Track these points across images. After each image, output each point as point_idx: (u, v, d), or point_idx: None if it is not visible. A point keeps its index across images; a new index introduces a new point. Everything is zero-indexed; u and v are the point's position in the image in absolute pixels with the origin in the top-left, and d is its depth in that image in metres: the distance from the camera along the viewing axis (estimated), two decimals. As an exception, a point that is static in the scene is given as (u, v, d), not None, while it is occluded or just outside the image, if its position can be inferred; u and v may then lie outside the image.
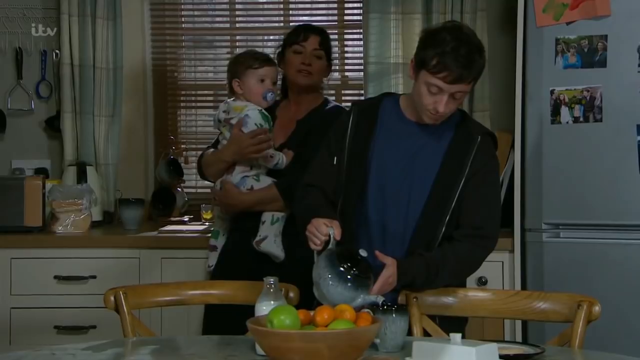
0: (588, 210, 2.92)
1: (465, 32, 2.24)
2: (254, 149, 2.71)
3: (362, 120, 2.33)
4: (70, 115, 3.60)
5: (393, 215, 2.27)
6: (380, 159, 2.29)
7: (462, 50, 2.17)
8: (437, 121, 2.27)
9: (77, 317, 3.18)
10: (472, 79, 2.20)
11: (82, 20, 3.57)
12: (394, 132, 2.31)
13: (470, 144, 2.27)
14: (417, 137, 2.29)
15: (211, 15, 3.91)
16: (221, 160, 2.80)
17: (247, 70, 2.77)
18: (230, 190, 2.78)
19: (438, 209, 2.24)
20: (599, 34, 2.87)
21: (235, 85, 2.79)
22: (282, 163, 2.78)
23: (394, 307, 1.98)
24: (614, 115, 2.88)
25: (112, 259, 3.21)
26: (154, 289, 2.38)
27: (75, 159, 3.59)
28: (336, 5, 3.76)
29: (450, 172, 2.25)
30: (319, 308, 1.86)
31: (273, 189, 2.75)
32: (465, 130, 2.30)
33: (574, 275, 2.92)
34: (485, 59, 2.24)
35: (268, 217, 2.76)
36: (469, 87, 2.21)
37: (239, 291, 2.36)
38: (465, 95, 2.26)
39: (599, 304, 2.11)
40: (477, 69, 2.19)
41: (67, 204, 3.33)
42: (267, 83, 2.79)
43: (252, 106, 2.77)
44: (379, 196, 2.28)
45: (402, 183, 2.27)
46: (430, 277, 2.19)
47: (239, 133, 2.73)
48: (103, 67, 3.60)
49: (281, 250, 2.73)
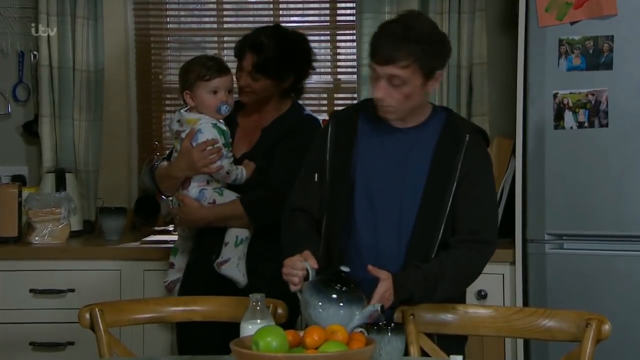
0: (593, 220, 2.88)
1: (413, 15, 2.17)
2: (204, 162, 2.60)
3: (341, 131, 2.26)
4: (48, 119, 3.56)
5: (385, 228, 2.20)
6: (365, 170, 2.22)
7: (394, 29, 2.10)
8: (387, 115, 2.18)
9: (54, 333, 3.12)
10: (409, 63, 2.09)
11: (61, 20, 3.53)
12: (376, 140, 2.23)
13: (459, 143, 2.19)
14: (402, 143, 2.21)
15: (198, 15, 3.89)
16: (172, 176, 2.69)
17: (198, 81, 2.64)
18: (189, 205, 2.66)
19: (432, 216, 2.17)
20: (604, 34, 2.84)
21: (187, 98, 2.66)
22: (242, 177, 2.67)
23: (389, 326, 1.92)
24: (620, 120, 2.84)
25: (91, 271, 3.16)
26: (133, 305, 2.31)
27: (54, 166, 3.55)
28: (328, 5, 3.74)
29: (440, 176, 2.18)
30: (309, 329, 1.81)
31: (237, 205, 2.64)
32: (452, 130, 2.22)
33: (578, 288, 2.88)
34: (433, 46, 2.12)
35: (232, 238, 2.66)
36: (406, 71, 2.10)
37: (225, 307, 2.30)
38: (408, 84, 2.12)
39: (608, 323, 2.05)
40: (411, 50, 2.08)
41: (44, 213, 3.29)
42: (221, 95, 2.64)
43: (206, 119, 2.64)
44: (368, 209, 2.21)
45: (391, 193, 2.20)
46: (429, 289, 2.12)
47: (188, 146, 2.63)
48: (83, 69, 3.55)
49: (243, 276, 2.64)
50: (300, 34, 2.77)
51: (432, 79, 2.16)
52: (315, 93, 3.71)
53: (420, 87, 2.14)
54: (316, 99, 3.75)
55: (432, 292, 2.12)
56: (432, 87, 2.18)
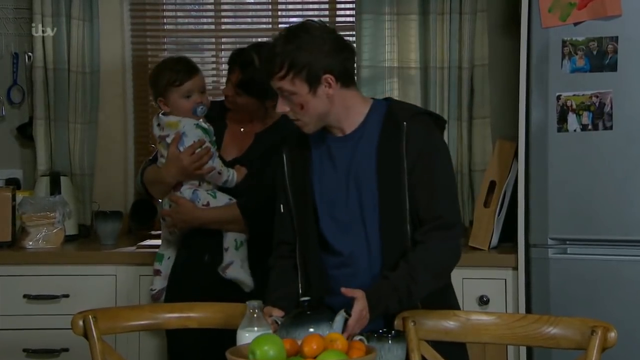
0: (597, 224, 2.87)
1: (297, 25, 2.14)
2: (196, 165, 2.60)
3: (295, 154, 2.24)
4: (43, 122, 3.54)
5: (353, 240, 2.17)
6: (323, 189, 2.20)
7: (275, 40, 2.11)
8: (303, 129, 2.16)
9: (48, 339, 3.11)
10: (283, 74, 2.07)
11: (56, 21, 3.52)
12: (326, 155, 2.21)
13: (399, 131, 2.14)
14: (347, 149, 2.18)
15: (195, 16, 3.87)
16: (163, 182, 2.69)
17: (169, 87, 2.63)
18: (184, 205, 2.66)
19: (395, 212, 2.13)
20: (609, 35, 2.82)
21: (161, 105, 2.67)
22: (232, 181, 2.66)
23: (389, 334, 1.92)
24: (625, 123, 2.83)
25: (86, 276, 3.15)
26: (127, 312, 2.29)
27: (49, 169, 3.54)
28: (327, 5, 3.72)
29: (390, 170, 2.14)
30: (307, 337, 1.79)
31: (234, 209, 2.64)
32: (391, 120, 2.17)
33: (582, 294, 2.86)
34: (307, 54, 2.07)
35: (231, 243, 2.64)
36: (285, 83, 2.08)
37: (222, 314, 2.26)
38: (296, 95, 2.10)
39: (614, 330, 2.02)
40: (282, 60, 2.06)
41: (38, 217, 3.27)
42: (194, 97, 2.63)
43: (188, 120, 2.64)
44: (334, 227, 2.19)
45: (351, 203, 2.17)
46: (403, 298, 2.08)
47: (176, 152, 2.62)
48: (79, 71, 3.54)
49: (249, 276, 2.64)
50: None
51: (320, 84, 2.10)
52: None
53: (310, 94, 2.10)
54: None
55: (407, 299, 2.09)
56: (327, 92, 2.11)
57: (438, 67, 3.39)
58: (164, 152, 2.66)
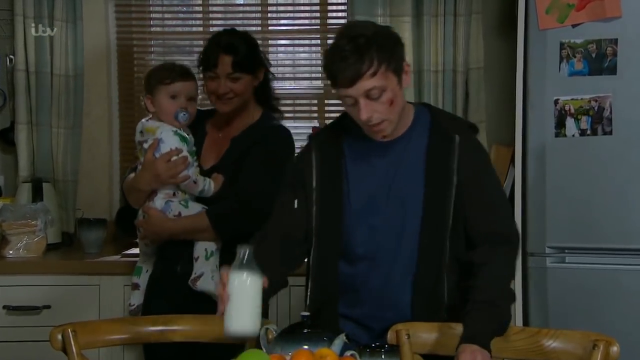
0: (596, 232, 2.87)
1: (350, 25, 2.10)
2: (170, 173, 2.56)
3: (326, 155, 2.16)
4: (25, 126, 3.51)
5: (384, 248, 2.11)
6: (360, 199, 2.13)
7: (341, 46, 2.00)
8: (383, 133, 2.08)
9: (29, 351, 3.04)
10: (375, 70, 1.99)
11: (38, 23, 3.48)
12: (364, 158, 2.14)
13: (450, 145, 2.10)
14: (391, 160, 2.12)
15: (183, 18, 3.84)
16: (138, 189, 2.65)
17: (159, 85, 2.61)
18: (154, 217, 2.62)
19: (437, 228, 2.09)
20: (608, 37, 2.82)
21: (148, 103, 2.64)
22: (209, 190, 2.62)
23: (382, 349, 1.88)
24: (625, 128, 2.83)
25: (69, 286, 3.09)
26: (108, 326, 2.22)
27: (31, 175, 3.50)
28: (318, 7, 3.69)
29: (438, 184, 2.09)
30: (296, 352, 1.79)
31: (203, 218, 2.59)
32: (439, 132, 2.13)
33: (581, 304, 2.86)
34: (386, 39, 2.03)
35: (201, 252, 2.60)
36: (378, 78, 2.00)
37: (208, 327, 2.19)
38: (387, 90, 2.03)
39: (617, 344, 1.98)
40: (371, 54, 1.99)
41: (19, 225, 3.22)
42: (181, 100, 2.60)
43: (166, 127, 2.60)
44: (365, 233, 2.12)
45: (387, 212, 2.11)
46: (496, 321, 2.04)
47: (151, 158, 2.59)
48: (62, 74, 3.50)
49: None
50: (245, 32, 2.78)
51: (403, 73, 2.07)
52: (305, 99, 3.68)
53: (397, 87, 2.06)
54: (307, 105, 3.70)
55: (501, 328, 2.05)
56: (407, 82, 2.09)
57: (432, 71, 3.37)
58: (142, 158, 2.62)
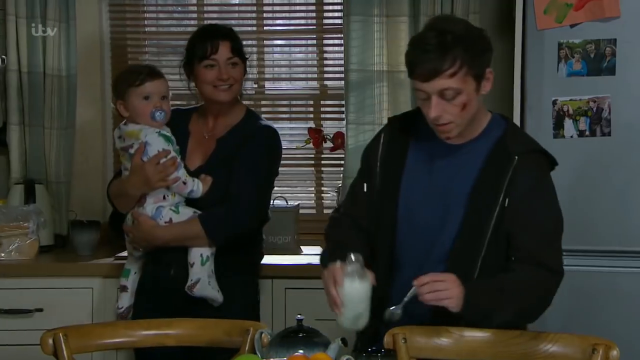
0: (595, 235, 2.84)
1: (443, 18, 2.06)
2: (160, 176, 2.54)
3: (394, 141, 2.15)
4: (17, 127, 3.48)
5: (421, 250, 2.10)
6: (410, 198, 2.11)
7: (428, 38, 1.95)
8: (448, 134, 2.05)
9: (21, 355, 3.03)
10: (456, 69, 1.95)
11: (31, 23, 3.46)
12: (425, 157, 2.12)
13: (507, 164, 2.05)
14: (451, 159, 2.09)
15: (177, 18, 3.83)
16: (127, 195, 2.63)
17: (129, 89, 2.61)
18: (144, 224, 2.59)
19: (470, 250, 2.06)
20: (607, 37, 2.80)
21: (121, 108, 2.63)
22: (198, 191, 2.60)
23: (379, 353, 1.92)
24: (623, 129, 2.81)
25: (61, 289, 3.09)
26: (101, 330, 2.23)
27: (23, 176, 3.48)
28: (314, 7, 3.68)
29: (482, 199, 2.05)
30: (291, 358, 1.80)
31: (196, 224, 2.57)
32: (501, 148, 2.07)
33: (580, 308, 2.83)
34: (475, 42, 2.00)
35: (197, 258, 2.58)
36: (456, 80, 1.96)
37: (202, 330, 2.19)
38: (462, 93, 1.99)
39: (617, 348, 1.98)
40: (455, 54, 1.94)
41: (10, 228, 3.22)
42: (154, 100, 2.59)
43: (149, 129, 2.58)
44: (410, 240, 2.11)
45: (432, 212, 2.09)
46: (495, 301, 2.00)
47: (140, 162, 2.57)
48: (55, 75, 3.48)
49: (218, 292, 2.58)
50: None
51: (484, 80, 2.02)
52: (301, 99, 3.67)
53: (474, 92, 2.01)
54: (302, 106, 3.69)
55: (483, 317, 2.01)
56: (486, 89, 2.04)
57: (430, 71, 3.35)
58: (127, 164, 2.60)
